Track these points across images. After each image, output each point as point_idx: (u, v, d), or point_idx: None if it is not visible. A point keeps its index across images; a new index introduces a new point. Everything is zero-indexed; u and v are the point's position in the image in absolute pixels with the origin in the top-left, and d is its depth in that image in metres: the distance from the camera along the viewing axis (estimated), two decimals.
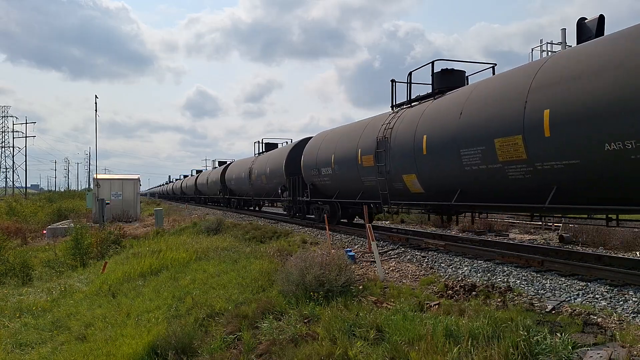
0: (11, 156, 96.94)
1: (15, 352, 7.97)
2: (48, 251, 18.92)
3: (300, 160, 18.41)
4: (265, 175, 23.75)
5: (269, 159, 24.15)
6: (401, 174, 11.57)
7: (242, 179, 28.55)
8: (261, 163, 25.17)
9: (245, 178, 27.68)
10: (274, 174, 22.16)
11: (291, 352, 4.96)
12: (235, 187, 31.55)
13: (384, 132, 12.24)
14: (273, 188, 22.57)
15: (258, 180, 25.10)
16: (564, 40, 25.45)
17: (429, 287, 7.22)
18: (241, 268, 9.47)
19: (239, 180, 29.55)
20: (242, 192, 30.41)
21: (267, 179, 23.36)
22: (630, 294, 6.07)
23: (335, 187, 15.59)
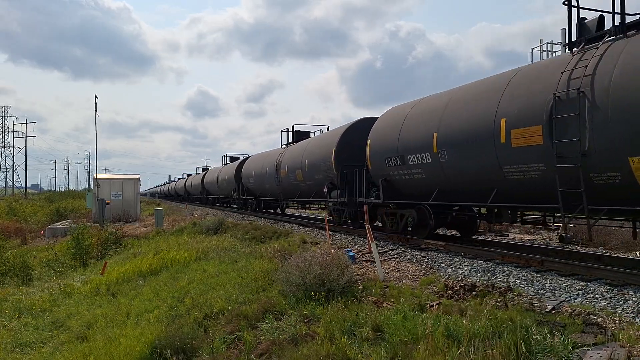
0: (11, 156, 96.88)
1: (15, 352, 7.97)
2: (48, 251, 18.92)
3: (355, 149, 14.64)
4: (301, 170, 18.68)
5: (305, 149, 18.89)
6: (627, 156, 6.65)
7: (266, 176, 23.53)
8: (294, 155, 20.26)
9: (271, 174, 22.70)
10: (316, 167, 17.17)
11: (291, 352, 4.96)
12: (255, 186, 26.46)
13: (570, 83, 7.39)
14: (313, 186, 17.82)
15: (290, 176, 20.22)
16: (564, 40, 25.43)
17: (429, 287, 7.22)
18: (241, 268, 9.48)
19: (261, 178, 24.54)
20: (264, 192, 25.16)
21: (305, 175, 18.30)
22: (630, 294, 6.07)
23: (435, 182, 10.70)
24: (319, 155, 17.07)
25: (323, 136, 18.95)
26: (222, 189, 35.34)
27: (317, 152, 17.38)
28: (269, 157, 24.31)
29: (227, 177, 33.31)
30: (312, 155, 17.83)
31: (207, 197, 43.44)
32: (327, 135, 18.27)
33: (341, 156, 15.36)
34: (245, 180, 28.26)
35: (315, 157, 17.44)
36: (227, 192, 33.71)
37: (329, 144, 16.32)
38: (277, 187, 22.25)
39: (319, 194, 17.51)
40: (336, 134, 16.24)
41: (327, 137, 17.65)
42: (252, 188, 27.24)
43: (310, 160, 17.80)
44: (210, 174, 42.09)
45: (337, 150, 15.50)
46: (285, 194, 21.82)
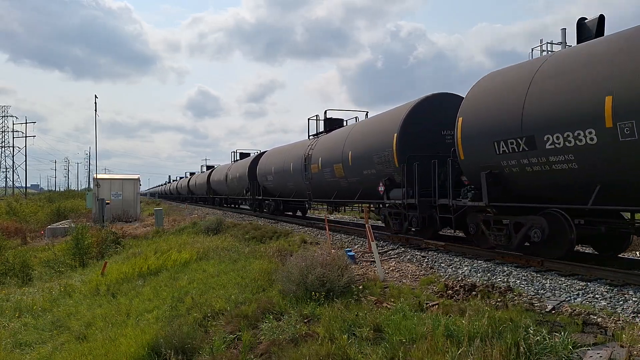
0: (11, 156, 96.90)
1: (15, 352, 7.97)
2: (48, 251, 18.92)
3: (428, 133, 11.69)
4: (342, 164, 14.86)
5: (348, 138, 14.91)
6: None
7: (290, 173, 20.00)
8: (329, 146, 16.30)
9: (297, 171, 19.01)
10: (367, 160, 13.30)
11: (291, 352, 4.96)
12: (274, 185, 22.67)
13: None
14: (360, 183, 14.14)
15: (324, 172, 16.22)
16: (564, 40, 25.46)
17: (429, 287, 7.22)
18: (241, 268, 9.48)
19: (283, 175, 20.95)
20: (286, 191, 21.35)
21: (349, 170, 14.52)
22: (630, 294, 6.06)
23: (597, 175, 7.49)
24: (372, 143, 13.08)
25: (375, 120, 14.48)
26: (232, 189, 31.39)
27: (369, 140, 13.40)
28: (293, 151, 20.42)
29: (238, 175, 29.30)
30: (359, 145, 13.86)
31: (213, 198, 40.55)
32: (383, 117, 13.75)
33: (406, 143, 11.61)
34: (261, 178, 24.42)
35: (364, 147, 13.51)
36: (238, 191, 29.89)
37: (387, 129, 12.41)
38: (305, 185, 18.32)
39: (368, 194, 13.83)
40: (398, 115, 12.28)
41: (382, 120, 13.44)
42: (271, 187, 23.36)
43: (357, 151, 13.89)
44: (217, 172, 37.94)
45: (401, 135, 11.70)
46: (317, 193, 17.74)
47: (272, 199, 23.72)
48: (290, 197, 21.12)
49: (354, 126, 15.82)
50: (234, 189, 30.87)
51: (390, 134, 12.15)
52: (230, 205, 36.19)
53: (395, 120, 12.19)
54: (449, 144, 10.91)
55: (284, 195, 22.03)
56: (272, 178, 22.75)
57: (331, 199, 16.48)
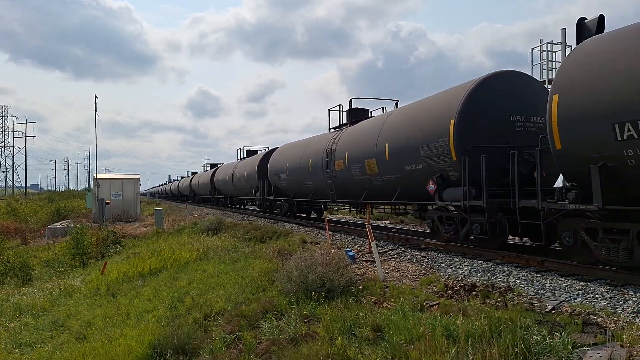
0: (11, 156, 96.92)
1: (15, 352, 7.97)
2: (48, 251, 18.92)
3: (493, 121, 9.67)
4: (376, 159, 12.77)
5: (383, 128, 12.89)
6: None
7: (308, 171, 17.90)
8: (358, 138, 14.32)
9: (318, 168, 16.93)
10: (411, 153, 11.20)
11: (291, 352, 4.96)
12: (289, 184, 20.46)
13: None
14: (398, 181, 12.09)
15: (352, 169, 14.22)
16: (564, 41, 25.47)
17: (429, 287, 7.22)
18: (241, 268, 9.48)
19: (300, 173, 18.85)
20: (303, 191, 19.17)
21: (385, 166, 12.42)
22: (630, 294, 6.07)
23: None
24: (418, 133, 10.95)
25: (421, 105, 11.93)
26: (239, 188, 29.22)
27: (414, 130, 11.24)
28: (312, 145, 18.22)
29: (246, 173, 27.15)
30: (399, 136, 11.82)
31: (217, 198, 38.35)
32: (433, 101, 11.34)
33: (467, 132, 9.55)
34: (273, 177, 22.20)
35: (407, 138, 11.40)
36: (246, 191, 27.71)
37: (440, 115, 10.30)
38: (327, 184, 16.20)
39: (409, 194, 11.87)
40: (455, 97, 10.11)
41: (433, 105, 11.11)
42: (284, 187, 21.17)
43: (397, 143, 11.80)
44: (222, 171, 35.48)
45: (461, 122, 9.62)
46: (342, 193, 15.61)
47: (285, 199, 21.50)
48: (307, 198, 18.71)
49: (390, 114, 13.42)
50: (241, 188, 28.70)
51: (444, 120, 9.95)
52: (236, 206, 34.35)
53: (452, 104, 9.93)
54: (520, 132, 9.59)
55: (300, 196, 19.70)
56: (285, 176, 20.58)
57: (360, 199, 14.05)
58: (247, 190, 27.41)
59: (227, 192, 34.07)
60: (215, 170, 39.09)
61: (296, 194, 20.17)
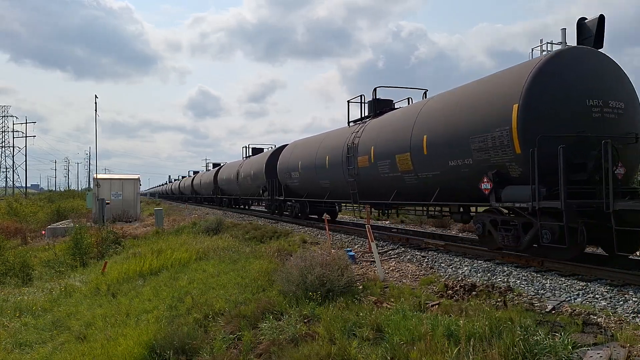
0: (11, 156, 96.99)
1: (15, 352, 7.97)
2: (48, 251, 18.92)
3: (579, 102, 8.17)
4: (410, 153, 11.22)
5: (418, 118, 11.29)
6: None
7: (325, 169, 16.25)
8: (386, 130, 12.75)
9: (337, 165, 15.26)
10: (458, 145, 9.68)
11: (291, 352, 4.97)
12: (301, 184, 18.82)
13: None
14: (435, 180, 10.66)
15: (379, 166, 12.63)
16: (564, 40, 25.49)
17: (429, 287, 7.22)
18: (241, 268, 9.48)
19: (315, 171, 17.16)
20: (318, 191, 17.45)
21: (420, 161, 10.96)
22: (630, 294, 6.07)
23: None
24: (468, 122, 9.35)
25: (470, 89, 10.11)
26: (245, 188, 27.65)
27: (461, 119, 9.58)
28: (329, 141, 16.59)
29: (252, 172, 25.66)
30: (441, 126, 10.21)
31: (221, 198, 36.73)
32: (487, 84, 9.62)
33: (535, 118, 8.08)
34: (283, 175, 20.55)
35: (452, 128, 9.81)
36: (252, 191, 26.19)
37: (499, 99, 8.76)
38: (348, 183, 14.47)
39: (451, 194, 10.35)
40: (517, 78, 8.59)
41: (485, 89, 9.48)
42: (296, 186, 19.50)
43: (438, 134, 10.22)
44: (227, 170, 34.03)
45: (526, 106, 8.12)
46: (366, 193, 13.89)
47: (295, 199, 19.80)
48: (323, 198, 17.05)
49: (427, 102, 11.67)
50: (247, 188, 27.09)
51: (504, 106, 8.50)
52: (240, 206, 33.07)
53: (514, 86, 8.46)
54: (597, 119, 8.07)
55: (314, 196, 18.09)
56: (297, 175, 18.93)
57: (389, 200, 12.41)
58: (253, 190, 26.00)
59: (232, 192, 32.73)
60: (219, 169, 37.92)
61: (309, 194, 18.49)
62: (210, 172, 42.09)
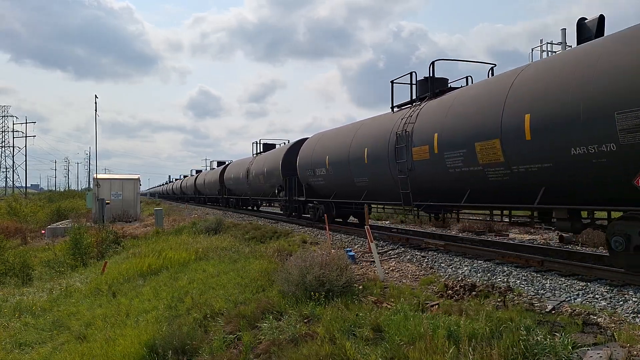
0: (11, 156, 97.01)
1: (15, 351, 7.98)
2: (48, 251, 18.93)
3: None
4: (501, 138, 8.53)
5: (513, 84, 8.54)
6: None
7: (364, 163, 13.37)
8: (459, 110, 9.90)
9: (380, 159, 12.62)
10: (611, 115, 6.52)
11: (291, 352, 4.96)
12: (328, 182, 15.95)
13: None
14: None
15: (447, 156, 9.97)
16: (564, 40, 25.49)
17: (429, 287, 7.22)
18: (241, 268, 9.48)
19: (350, 167, 14.19)
20: (352, 191, 14.53)
21: (525, 145, 8.07)
22: (630, 294, 6.06)
23: None
24: (609, 91, 6.64)
25: (599, 49, 7.22)
26: (257, 188, 25.06)
27: (594, 86, 6.86)
28: (367, 129, 13.82)
29: (265, 170, 22.83)
30: (559, 99, 7.41)
31: (227, 198, 34.32)
32: (629, 38, 6.87)
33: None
34: (305, 173, 17.67)
35: (579, 101, 7.04)
36: (265, 191, 23.58)
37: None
38: (397, 181, 11.65)
39: (566, 193, 7.80)
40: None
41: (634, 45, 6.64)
42: (321, 185, 16.70)
43: (552, 112, 7.49)
44: (234, 168, 31.25)
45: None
46: (424, 192, 11.11)
47: (319, 200, 17.09)
48: (359, 199, 13.97)
49: (521, 71, 8.78)
50: (259, 188, 24.41)
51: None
52: (249, 207, 31.02)
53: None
54: None
55: (345, 196, 15.31)
56: (323, 172, 16.08)
57: (461, 202, 9.79)
58: (266, 189, 23.18)
59: (241, 192, 29.85)
60: (225, 167, 35.08)
61: (339, 194, 15.73)
62: (216, 171, 39.04)
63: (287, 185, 19.79)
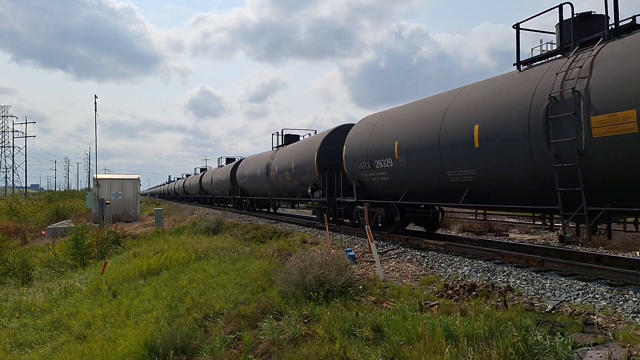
0: (11, 156, 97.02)
1: (14, 352, 7.97)
2: (48, 251, 18.92)
3: None
4: None
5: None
6: None
7: (472, 150, 9.19)
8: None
9: (521, 133, 8.15)
10: None
11: (291, 352, 4.96)
12: (397, 177, 11.92)
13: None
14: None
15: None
16: None
17: (429, 287, 7.22)
18: (241, 268, 9.48)
19: (424, 154, 10.68)
20: (442, 189, 10.51)
21: None
22: (630, 294, 6.06)
23: None
24: None
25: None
26: (279, 187, 21.38)
27: None
28: (474, 98, 9.65)
29: (294, 165, 19.02)
30: None
31: (239, 199, 30.55)
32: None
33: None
34: (357, 167, 13.59)
35: None
36: (291, 190, 20.10)
37: None
38: (543, 173, 7.98)
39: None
40: None
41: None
42: (381, 183, 12.74)
43: None
44: (249, 164, 27.24)
45: None
46: (621, 185, 7.02)
47: (378, 202, 13.13)
48: (452, 202, 10.13)
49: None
50: (283, 187, 20.71)
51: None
52: (264, 209, 27.54)
53: None
54: None
55: (424, 197, 11.29)
56: (390, 164, 11.89)
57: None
58: (294, 188, 19.49)
59: (258, 191, 25.81)
60: (237, 163, 31.39)
61: (412, 194, 11.51)
62: (225, 168, 34.41)
63: (324, 183, 15.87)
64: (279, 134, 23.77)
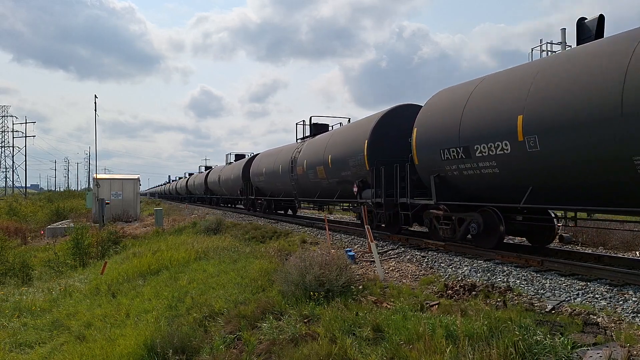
0: (11, 156, 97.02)
1: (14, 352, 7.96)
2: (48, 251, 18.92)
3: None
4: None
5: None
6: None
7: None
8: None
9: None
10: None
11: (291, 352, 4.96)
12: (507, 167, 8.41)
13: None
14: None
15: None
16: (564, 40, 25.48)
17: (428, 287, 7.22)
18: (241, 268, 9.47)
19: (579, 133, 7.04)
20: (599, 184, 7.12)
21: None
22: (630, 294, 6.06)
23: None
24: None
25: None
26: (309, 185, 17.95)
27: None
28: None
29: (331, 158, 15.53)
30: None
31: (253, 200, 26.38)
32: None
33: None
34: (436, 157, 10.21)
35: None
36: (325, 188, 16.63)
37: None
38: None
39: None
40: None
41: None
42: (489, 176, 9.00)
43: None
44: (265, 160, 23.80)
45: None
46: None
47: (473, 205, 9.85)
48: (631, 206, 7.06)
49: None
50: (314, 185, 17.41)
51: None
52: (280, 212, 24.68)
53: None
54: None
55: (576, 195, 7.80)
56: (508, 149, 8.36)
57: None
58: (329, 186, 16.12)
59: (279, 191, 21.94)
60: (250, 160, 27.90)
61: (552, 192, 8.14)
62: (236, 165, 31.02)
63: (378, 180, 12.65)
64: (305, 122, 20.47)
